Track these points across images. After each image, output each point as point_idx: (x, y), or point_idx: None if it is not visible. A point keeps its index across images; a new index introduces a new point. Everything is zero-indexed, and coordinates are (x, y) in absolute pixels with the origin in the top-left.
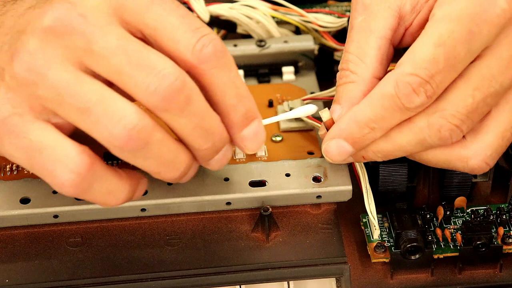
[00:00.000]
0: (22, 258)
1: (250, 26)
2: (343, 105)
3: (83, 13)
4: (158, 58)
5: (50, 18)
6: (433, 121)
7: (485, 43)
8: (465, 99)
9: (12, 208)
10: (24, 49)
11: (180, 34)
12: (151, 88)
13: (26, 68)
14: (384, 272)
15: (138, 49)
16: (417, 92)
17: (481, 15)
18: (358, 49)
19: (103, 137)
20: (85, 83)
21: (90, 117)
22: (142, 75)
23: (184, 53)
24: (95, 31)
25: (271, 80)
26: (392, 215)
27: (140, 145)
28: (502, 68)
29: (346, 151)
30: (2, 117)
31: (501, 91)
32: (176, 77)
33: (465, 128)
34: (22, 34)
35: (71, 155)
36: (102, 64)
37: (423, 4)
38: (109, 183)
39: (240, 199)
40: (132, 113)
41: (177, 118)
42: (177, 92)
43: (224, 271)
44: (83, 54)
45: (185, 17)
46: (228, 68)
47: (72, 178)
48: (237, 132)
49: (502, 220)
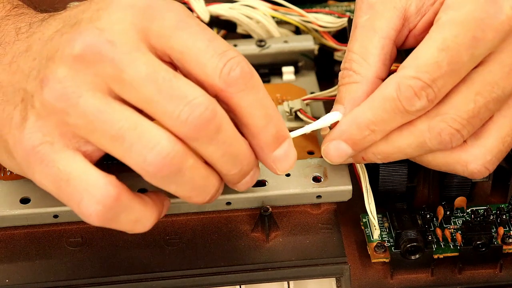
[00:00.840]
0: (22, 258)
1: (250, 26)
2: (346, 106)
3: (112, 40)
4: (188, 87)
5: (79, 46)
6: (434, 125)
7: (489, 49)
8: (467, 104)
9: (12, 208)
10: (54, 77)
11: (207, 58)
12: (182, 117)
13: (57, 96)
14: (384, 272)
15: (168, 77)
16: (418, 96)
17: (486, 21)
18: (362, 48)
19: (136, 164)
20: (116, 110)
21: (124, 144)
22: (173, 104)
23: (211, 77)
24: (124, 59)
25: (271, 80)
26: (392, 215)
27: (174, 172)
28: (505, 74)
29: (346, 153)
30: (32, 145)
31: (503, 97)
32: (207, 106)
33: (465, 133)
34: (50, 61)
35: (98, 186)
36: (132, 92)
37: (428, 6)
38: (136, 212)
39: (240, 199)
40: (165, 140)
41: (206, 146)
42: (208, 122)
43: (224, 271)
44: (113, 82)
45: (211, 41)
46: (256, 89)
47: (98, 209)
48: (268, 154)
49: (502, 220)
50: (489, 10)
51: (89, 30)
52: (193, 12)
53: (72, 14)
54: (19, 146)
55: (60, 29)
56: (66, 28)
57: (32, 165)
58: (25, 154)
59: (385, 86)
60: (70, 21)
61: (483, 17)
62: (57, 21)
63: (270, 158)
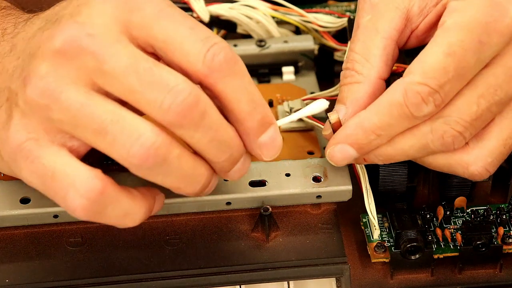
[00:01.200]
0: (22, 258)
1: (250, 26)
2: (348, 106)
3: (92, 33)
4: (170, 74)
5: (59, 41)
6: (436, 127)
7: (494, 52)
8: (469, 106)
9: (12, 208)
10: (36, 74)
11: (190, 45)
12: (165, 105)
13: (39, 92)
14: (384, 272)
15: (149, 66)
16: (426, 102)
17: (492, 25)
18: (364, 48)
19: (121, 156)
20: (99, 104)
21: (107, 137)
22: (155, 93)
23: (194, 63)
24: (105, 51)
25: (271, 80)
26: (392, 215)
27: (159, 162)
28: (508, 78)
29: (351, 156)
30: (18, 143)
31: (505, 99)
32: (189, 92)
33: (468, 135)
34: (33, 58)
35: (83, 179)
36: (114, 84)
37: (431, 7)
38: (123, 205)
39: (240, 199)
40: (149, 131)
41: (192, 133)
42: (191, 108)
43: (224, 271)
44: (95, 74)
45: (194, 28)
46: (241, 75)
47: (83, 203)
48: (253, 140)
49: (502, 220)
50: (494, 14)
51: (69, 25)
52: (193, 12)
53: (54, 11)
54: (6, 145)
55: (42, 26)
56: (48, 24)
57: (18, 162)
58: (12, 152)
59: (391, 91)
60: (52, 18)
61: (489, 20)
62: (40, 19)
63: (256, 144)
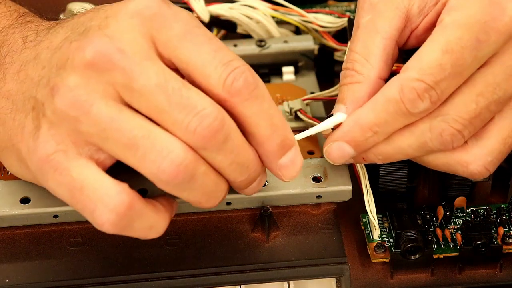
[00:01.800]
0: (22, 258)
1: (250, 26)
2: (348, 106)
3: (122, 48)
4: (198, 97)
5: (89, 53)
6: (435, 125)
7: (492, 51)
8: (468, 104)
9: (12, 208)
10: (65, 85)
11: (211, 69)
12: (191, 128)
13: (69, 104)
14: (384, 272)
15: (177, 87)
16: (421, 98)
17: (490, 23)
18: (364, 48)
19: (150, 172)
20: (129, 118)
21: (137, 152)
22: (182, 114)
23: (215, 87)
24: (134, 67)
25: (271, 80)
26: (392, 215)
27: (187, 179)
28: (507, 76)
29: (348, 153)
30: (46, 154)
31: (504, 98)
32: (215, 117)
33: (466, 134)
34: (61, 69)
35: (111, 195)
36: (142, 101)
37: (431, 7)
38: (149, 219)
39: (240, 199)
40: (179, 148)
41: (215, 155)
42: (216, 132)
43: (224, 271)
44: (123, 90)
45: (217, 51)
46: (261, 99)
47: (112, 218)
48: (273, 162)
49: (502, 220)
50: (493, 12)
51: (98, 37)
52: (193, 12)
53: (80, 21)
54: (33, 155)
55: (68, 36)
56: (75, 35)
57: (46, 173)
58: (39, 162)
59: (388, 87)
60: (78, 28)
61: (487, 19)
62: (65, 28)
63: (276, 166)
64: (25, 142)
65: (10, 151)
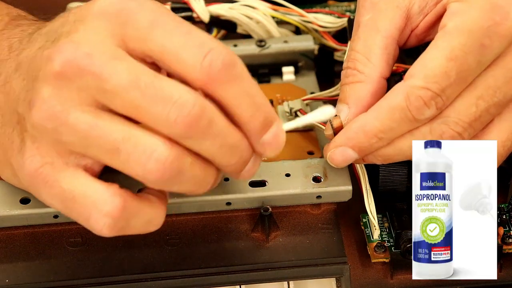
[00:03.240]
0: (22, 258)
1: (250, 26)
2: (350, 105)
3: (89, 52)
4: (172, 86)
5: (58, 63)
6: (435, 127)
7: (495, 55)
8: (468, 107)
9: (12, 208)
10: (39, 98)
11: (185, 53)
12: (171, 119)
13: (45, 116)
14: (384, 272)
15: (150, 80)
16: (428, 105)
17: (493, 28)
18: (365, 47)
19: (136, 173)
20: (108, 123)
21: (120, 156)
22: (159, 107)
23: (192, 72)
24: (104, 69)
25: (271, 80)
26: (392, 215)
27: (174, 174)
28: (507, 79)
29: (352, 158)
30: (34, 168)
31: (504, 101)
32: (193, 103)
33: (466, 136)
34: (35, 81)
35: (103, 199)
36: (118, 101)
37: (431, 7)
38: (145, 214)
39: (240, 199)
40: (161, 145)
41: (201, 142)
42: (198, 118)
43: (224, 271)
44: (97, 93)
45: (188, 34)
46: (240, 79)
47: (108, 222)
48: (257, 139)
49: (502, 220)
50: (495, 17)
51: (65, 45)
52: (193, 12)
53: (54, 28)
54: (22, 170)
55: (42, 45)
56: (48, 43)
57: (37, 187)
58: (29, 177)
59: (393, 95)
60: (51, 36)
61: (490, 24)
62: (42, 36)
63: (259, 143)
64: (15, 157)
65: (6, 165)
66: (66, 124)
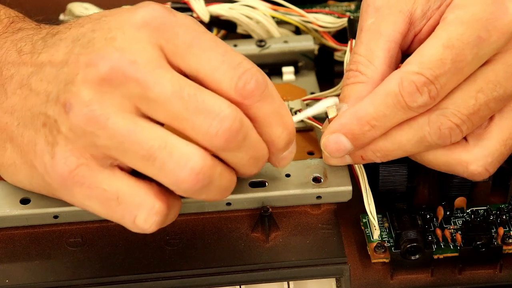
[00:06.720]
0: (22, 258)
1: (250, 26)
2: (350, 104)
3: (133, 59)
4: (214, 100)
5: (103, 69)
6: (433, 119)
7: (493, 50)
8: (467, 100)
9: (12, 208)
10: (79, 101)
11: (222, 74)
12: (212, 131)
13: (84, 119)
14: (384, 272)
15: (193, 92)
16: (420, 92)
17: (492, 22)
18: (368, 51)
19: (170, 181)
20: (145, 130)
21: (155, 163)
22: (201, 119)
23: (227, 92)
24: (148, 78)
25: (271, 80)
26: (392, 215)
27: (206, 183)
28: (508, 75)
29: (345, 147)
30: (69, 170)
31: (504, 96)
32: (234, 118)
33: (465, 129)
34: (70, 85)
35: (150, 199)
36: (159, 110)
37: (434, 10)
38: (176, 210)
39: (240, 200)
40: (196, 155)
41: (235, 154)
42: (237, 133)
43: (224, 271)
44: (139, 101)
45: (225, 55)
46: (271, 98)
47: (158, 220)
48: (278, 154)
49: (502, 220)
50: (495, 12)
51: (109, 52)
52: (193, 12)
53: (80, 33)
54: (53, 172)
55: (71, 49)
56: (78, 48)
57: (70, 188)
58: (62, 179)
59: (388, 81)
60: (81, 40)
61: (489, 18)
62: (64, 41)
63: (278, 158)
64: (40, 159)
65: (21, 167)
66: (105, 128)
